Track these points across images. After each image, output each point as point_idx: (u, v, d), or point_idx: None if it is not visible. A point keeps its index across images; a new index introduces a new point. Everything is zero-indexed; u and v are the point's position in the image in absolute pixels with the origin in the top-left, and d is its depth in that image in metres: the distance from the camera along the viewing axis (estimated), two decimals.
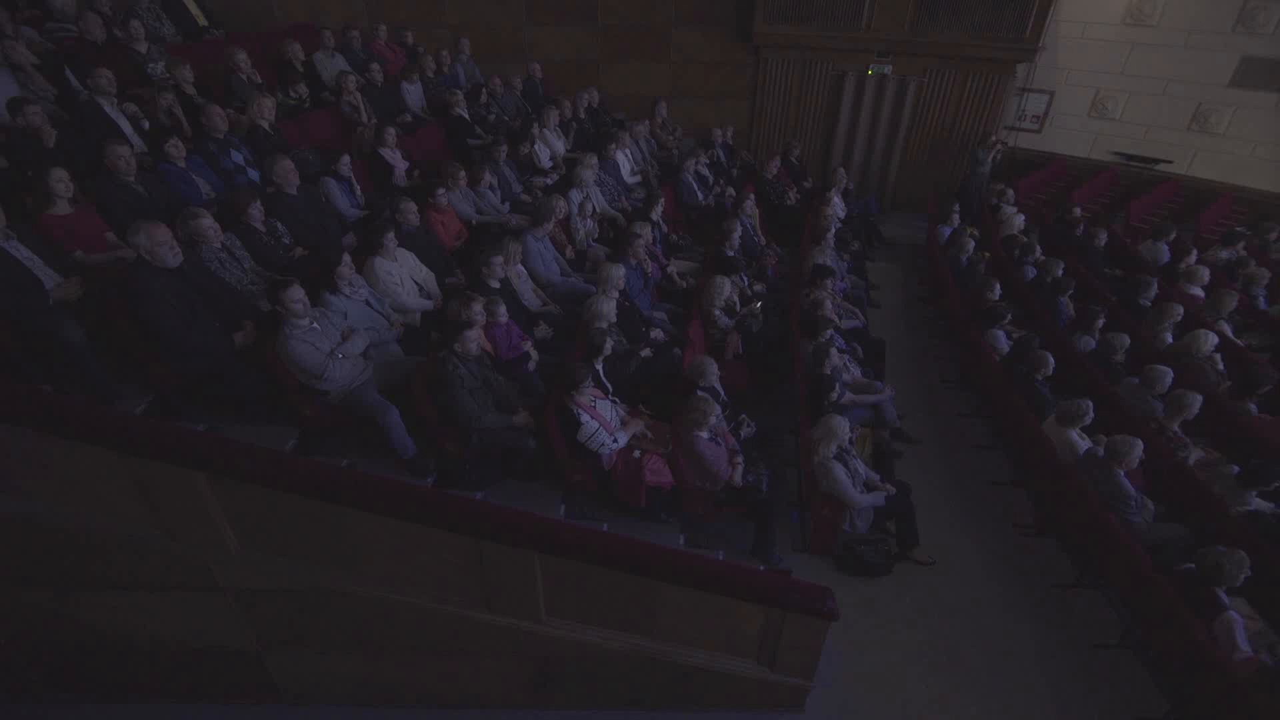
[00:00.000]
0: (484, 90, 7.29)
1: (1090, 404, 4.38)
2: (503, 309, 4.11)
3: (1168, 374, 4.74)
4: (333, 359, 3.57)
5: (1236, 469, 4.11)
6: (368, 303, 4.04)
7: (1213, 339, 5.27)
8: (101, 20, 5.45)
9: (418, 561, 3.01)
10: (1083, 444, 4.35)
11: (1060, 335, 5.75)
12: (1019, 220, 7.79)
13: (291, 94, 6.17)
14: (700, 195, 7.63)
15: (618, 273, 4.82)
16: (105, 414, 2.79)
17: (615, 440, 3.86)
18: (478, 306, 3.96)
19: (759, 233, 7.34)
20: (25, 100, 4.07)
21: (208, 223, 3.79)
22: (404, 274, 4.37)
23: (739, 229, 6.53)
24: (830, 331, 5.29)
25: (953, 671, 3.77)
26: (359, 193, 5.17)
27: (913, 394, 6.15)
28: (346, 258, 3.88)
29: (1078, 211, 7.80)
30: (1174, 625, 3.20)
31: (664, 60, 9.92)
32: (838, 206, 8.66)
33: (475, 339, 3.64)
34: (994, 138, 9.07)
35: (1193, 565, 3.35)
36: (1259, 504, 3.98)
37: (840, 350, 5.67)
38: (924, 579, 4.38)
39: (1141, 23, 9.05)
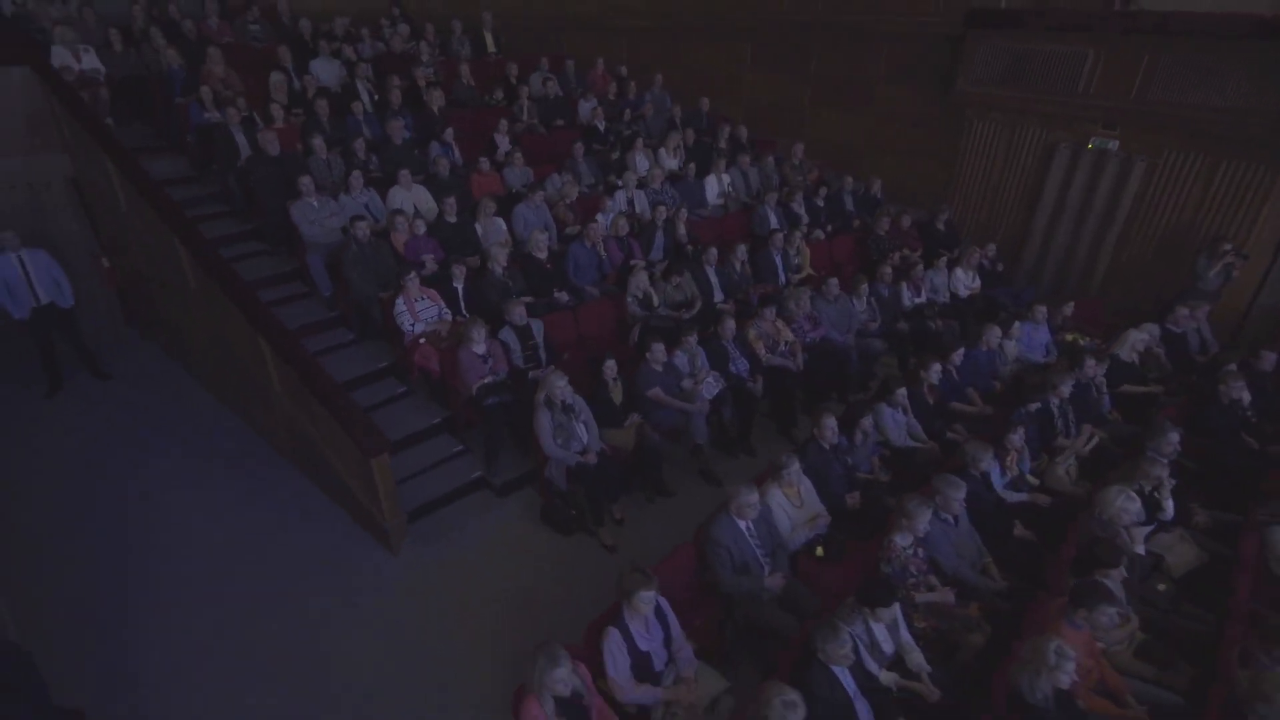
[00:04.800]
0: (627, 110, 9.00)
1: (796, 461, 3.91)
2: (422, 225, 5.94)
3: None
4: (312, 224, 5.95)
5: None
6: (367, 206, 6.33)
7: (1130, 506, 3.69)
8: (401, 39, 9.15)
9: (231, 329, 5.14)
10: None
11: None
12: (1138, 338, 5.79)
13: (491, 97, 8.99)
14: (774, 227, 7.87)
15: (539, 239, 6.11)
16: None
17: (413, 326, 5.31)
18: (400, 219, 5.90)
19: (795, 270, 7.29)
20: (308, 73, 7.60)
21: (318, 142, 6.60)
22: (408, 199, 6.52)
23: (736, 255, 6.82)
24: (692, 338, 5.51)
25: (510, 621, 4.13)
26: (457, 154, 7.54)
27: None
28: (357, 174, 6.25)
29: (1270, 360, 5.35)
30: None
31: (865, 113, 9.87)
32: (956, 280, 7.71)
33: (364, 229, 5.57)
34: (1227, 246, 6.60)
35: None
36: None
37: (738, 375, 5.73)
38: (594, 559, 4.57)
39: None
